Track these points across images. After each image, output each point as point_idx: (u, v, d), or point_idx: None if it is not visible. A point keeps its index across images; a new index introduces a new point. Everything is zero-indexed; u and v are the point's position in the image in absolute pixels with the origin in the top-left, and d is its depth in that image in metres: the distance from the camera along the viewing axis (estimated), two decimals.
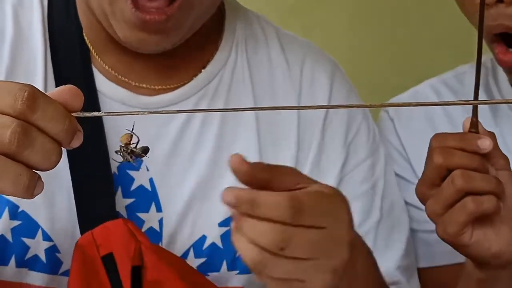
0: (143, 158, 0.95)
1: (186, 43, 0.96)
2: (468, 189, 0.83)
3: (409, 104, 0.61)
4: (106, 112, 0.70)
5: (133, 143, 0.80)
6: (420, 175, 0.89)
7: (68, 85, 0.67)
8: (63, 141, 0.66)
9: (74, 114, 0.67)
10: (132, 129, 0.79)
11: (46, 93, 0.66)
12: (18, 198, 0.90)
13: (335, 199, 0.71)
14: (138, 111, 0.69)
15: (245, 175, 0.67)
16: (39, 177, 0.67)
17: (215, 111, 0.83)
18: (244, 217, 0.66)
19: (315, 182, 0.72)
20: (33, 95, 0.64)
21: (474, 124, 0.86)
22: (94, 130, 0.94)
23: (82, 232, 0.91)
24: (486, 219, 0.86)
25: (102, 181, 0.93)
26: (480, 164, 0.85)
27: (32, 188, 0.66)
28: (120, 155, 0.78)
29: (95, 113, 0.69)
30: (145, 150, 0.79)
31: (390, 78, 1.34)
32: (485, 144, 0.85)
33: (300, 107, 0.97)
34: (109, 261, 0.89)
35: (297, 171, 0.73)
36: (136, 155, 0.79)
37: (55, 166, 0.66)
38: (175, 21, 0.90)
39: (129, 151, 0.77)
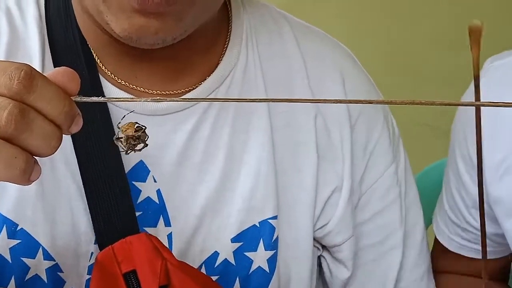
0: (150, 169, 0.89)
1: (191, 45, 0.89)
2: None
3: (456, 104, 0.55)
4: (106, 98, 0.66)
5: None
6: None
7: (63, 67, 0.62)
8: (62, 125, 0.61)
9: (72, 98, 0.62)
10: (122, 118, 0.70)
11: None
12: (17, 215, 0.85)
13: None
14: (141, 98, 0.64)
15: None
16: (36, 161, 0.61)
17: (232, 101, 0.77)
18: None
19: None
20: (30, 75, 0.59)
21: None
22: (104, 132, 0.85)
23: (100, 248, 0.84)
24: None
25: (120, 191, 0.85)
26: None
27: (29, 172, 0.60)
28: (121, 145, 0.69)
29: (94, 98, 0.63)
30: (144, 132, 0.69)
31: (385, 78, 1.31)
32: None
33: (323, 100, 0.88)
34: (132, 278, 0.82)
35: None
36: (140, 142, 0.69)
37: (55, 152, 0.61)
38: (177, 6, 0.80)
39: (133, 142, 0.68)
